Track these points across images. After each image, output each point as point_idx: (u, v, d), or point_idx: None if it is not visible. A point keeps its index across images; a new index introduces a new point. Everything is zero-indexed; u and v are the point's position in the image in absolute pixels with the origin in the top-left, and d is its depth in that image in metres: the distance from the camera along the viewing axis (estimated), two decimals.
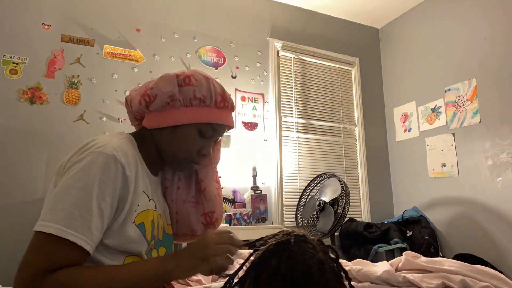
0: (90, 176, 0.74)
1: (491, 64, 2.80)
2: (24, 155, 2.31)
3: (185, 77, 0.88)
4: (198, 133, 0.91)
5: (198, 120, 0.89)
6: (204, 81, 0.90)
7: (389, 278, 1.21)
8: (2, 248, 2.15)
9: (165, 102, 0.87)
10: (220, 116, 0.92)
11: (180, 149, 0.91)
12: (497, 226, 2.66)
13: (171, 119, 0.88)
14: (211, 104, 0.90)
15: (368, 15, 3.68)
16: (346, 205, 2.70)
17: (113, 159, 0.77)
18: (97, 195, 0.74)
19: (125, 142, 0.85)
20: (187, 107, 0.88)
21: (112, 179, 0.76)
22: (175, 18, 2.93)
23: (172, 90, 0.87)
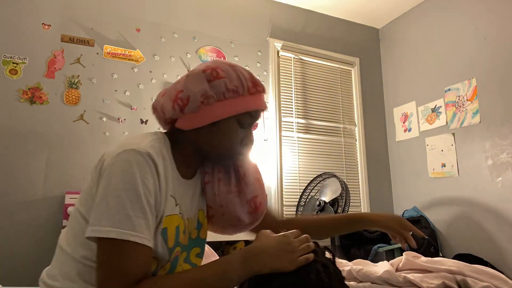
0: (131, 175, 0.74)
1: (491, 64, 2.81)
2: (24, 155, 2.31)
3: (212, 71, 0.86)
4: (238, 125, 0.89)
5: (235, 112, 0.87)
6: (231, 71, 0.87)
7: (389, 278, 1.21)
8: (2, 248, 2.15)
9: (199, 102, 0.84)
10: (255, 102, 0.90)
11: (223, 144, 0.90)
12: (497, 226, 2.66)
13: (208, 117, 0.86)
14: (244, 93, 0.88)
15: (368, 15, 3.68)
16: (346, 205, 2.70)
17: (148, 156, 0.77)
18: (143, 193, 0.74)
19: (158, 142, 0.84)
20: (221, 101, 0.85)
21: (150, 175, 0.77)
22: (175, 18, 2.93)
23: (203, 87, 0.84)
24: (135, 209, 0.73)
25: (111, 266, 0.71)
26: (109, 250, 0.72)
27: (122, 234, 0.71)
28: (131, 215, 0.72)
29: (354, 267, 1.31)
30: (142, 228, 0.73)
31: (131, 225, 0.72)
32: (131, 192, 0.73)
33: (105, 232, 0.71)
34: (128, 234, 0.71)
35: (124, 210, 0.72)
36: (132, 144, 0.79)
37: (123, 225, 0.71)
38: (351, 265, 1.37)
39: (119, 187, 0.73)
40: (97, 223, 0.72)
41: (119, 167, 0.75)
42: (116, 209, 0.72)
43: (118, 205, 0.72)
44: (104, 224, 0.71)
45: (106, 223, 0.71)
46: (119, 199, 0.73)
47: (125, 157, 0.76)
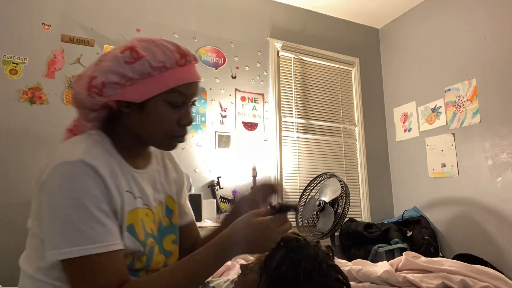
0: (71, 189, 0.70)
1: (491, 64, 2.80)
2: (24, 155, 2.31)
3: (131, 52, 0.77)
4: (168, 105, 0.80)
5: (161, 89, 0.78)
6: (153, 46, 0.79)
7: (389, 278, 1.21)
8: (2, 248, 2.15)
9: (117, 84, 0.77)
10: (184, 75, 0.81)
11: (157, 128, 0.82)
12: (497, 226, 2.66)
13: (133, 96, 0.78)
14: (172, 66, 0.79)
15: (368, 15, 3.68)
16: (346, 205, 2.70)
17: (82, 164, 0.72)
18: (90, 202, 0.71)
19: (91, 144, 0.79)
20: (146, 78, 0.78)
21: (90, 181, 0.72)
22: (175, 18, 2.93)
23: (121, 71, 0.76)
24: (86, 222, 0.70)
25: (84, 285, 0.70)
26: (77, 269, 0.70)
27: (83, 251, 0.68)
28: (85, 229, 0.70)
29: (354, 267, 1.31)
30: (102, 236, 0.71)
31: (88, 238, 0.69)
32: (77, 207, 0.70)
33: (66, 254, 0.68)
34: (89, 249, 0.69)
35: (76, 227, 0.69)
36: (62, 156, 0.74)
37: (80, 242, 0.69)
38: (351, 265, 1.37)
39: (63, 205, 0.70)
40: (54, 246, 0.70)
41: (56, 185, 0.71)
42: (68, 228, 0.69)
43: (69, 224, 0.69)
44: (61, 246, 0.69)
45: (63, 244, 0.69)
46: (67, 217, 0.69)
47: (59, 171, 0.72)
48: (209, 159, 2.81)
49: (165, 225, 0.93)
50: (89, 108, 0.83)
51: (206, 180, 2.78)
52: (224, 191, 2.80)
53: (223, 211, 2.68)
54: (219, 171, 2.82)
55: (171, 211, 0.97)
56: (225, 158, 2.88)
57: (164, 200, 0.95)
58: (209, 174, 2.81)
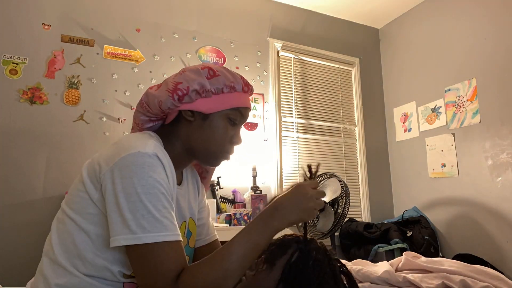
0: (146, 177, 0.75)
1: (491, 64, 2.80)
2: (24, 155, 2.31)
3: (209, 70, 0.89)
4: (228, 121, 0.92)
5: (230, 106, 0.90)
6: (224, 71, 0.91)
7: (389, 278, 1.21)
8: (2, 248, 2.15)
9: (198, 93, 0.87)
10: (246, 100, 0.94)
11: (213, 139, 0.91)
12: (497, 226, 2.66)
13: (204, 108, 0.88)
14: (239, 89, 0.92)
15: (368, 15, 3.68)
16: (346, 205, 2.70)
17: (156, 157, 0.78)
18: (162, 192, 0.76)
19: (158, 145, 0.84)
20: (217, 94, 0.89)
21: (162, 176, 0.78)
22: (175, 18, 2.93)
23: (202, 81, 0.87)
24: (158, 210, 0.74)
25: (149, 270, 0.73)
26: (144, 255, 0.73)
27: (155, 237, 0.72)
28: (157, 216, 0.74)
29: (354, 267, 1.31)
30: (169, 225, 0.75)
31: (159, 226, 0.73)
32: (151, 194, 0.74)
33: (138, 239, 0.72)
34: (159, 236, 0.73)
35: (149, 214, 0.73)
36: (135, 147, 0.78)
37: (152, 229, 0.73)
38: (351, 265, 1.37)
39: (138, 191, 0.73)
40: (125, 231, 0.72)
41: (131, 172, 0.75)
42: (141, 214, 0.73)
43: (142, 210, 0.73)
44: (134, 231, 0.72)
45: (137, 229, 0.72)
46: (140, 203, 0.73)
47: (134, 160, 0.75)
48: None
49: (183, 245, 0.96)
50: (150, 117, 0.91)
51: None
52: (224, 191, 2.80)
53: (223, 211, 2.68)
54: (219, 171, 2.82)
55: (190, 233, 1.00)
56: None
57: (187, 221, 0.98)
58: None
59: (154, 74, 2.75)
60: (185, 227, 0.96)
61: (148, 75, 2.74)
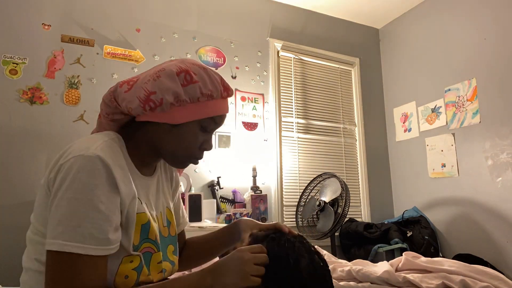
0: (80, 183, 0.71)
1: (491, 64, 2.81)
2: (24, 155, 2.31)
3: (186, 74, 0.82)
4: (200, 128, 0.86)
5: (204, 115, 0.85)
6: (204, 74, 0.85)
7: (389, 278, 1.21)
8: (2, 249, 2.15)
9: (171, 104, 0.82)
10: (223, 107, 0.89)
11: (181, 146, 0.86)
12: (497, 226, 2.66)
13: (175, 118, 0.83)
14: (217, 97, 0.87)
15: (368, 15, 3.68)
16: (346, 205, 2.70)
17: (98, 160, 0.73)
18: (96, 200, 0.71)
19: (109, 144, 0.80)
20: (193, 103, 0.84)
21: (103, 179, 0.73)
22: (175, 18, 2.93)
23: (176, 91, 0.81)
24: (81, 218, 0.70)
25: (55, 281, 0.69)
26: (52, 263, 0.69)
27: (62, 246, 0.68)
28: (84, 226, 0.69)
29: (353, 267, 1.31)
30: (88, 237, 0.70)
31: (83, 237, 0.69)
32: (78, 201, 0.70)
33: (48, 245, 0.69)
34: (69, 246, 0.68)
35: (76, 222, 0.69)
36: (80, 149, 0.75)
37: (64, 237, 0.68)
38: (350, 265, 1.37)
39: (68, 197, 0.70)
40: (50, 236, 0.70)
41: (69, 176, 0.71)
42: (59, 220, 0.69)
43: (62, 216, 0.70)
44: (53, 236, 0.69)
45: (50, 234, 0.69)
46: (64, 208, 0.70)
47: (75, 164, 0.72)
48: (209, 159, 2.81)
49: (165, 235, 0.95)
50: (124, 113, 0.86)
51: (206, 180, 2.78)
52: (224, 191, 2.80)
53: (223, 211, 2.68)
54: (219, 171, 2.82)
55: (169, 222, 0.99)
56: (225, 158, 2.88)
57: (164, 211, 0.97)
58: (209, 174, 2.81)
59: None
60: (161, 218, 0.95)
61: None
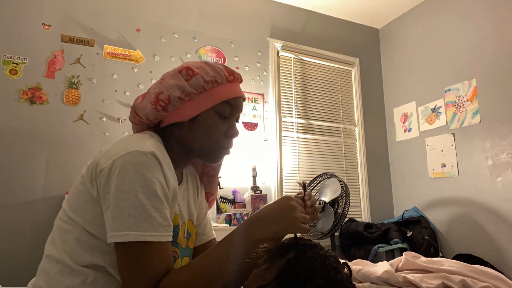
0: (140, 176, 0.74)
1: (491, 64, 2.80)
2: (24, 155, 2.31)
3: (187, 70, 0.87)
4: (218, 116, 0.89)
5: (217, 101, 0.88)
6: (204, 65, 0.89)
7: (389, 278, 1.21)
8: (2, 248, 2.15)
9: (180, 99, 0.85)
10: (233, 90, 0.91)
11: (206, 138, 0.89)
12: (497, 226, 2.66)
13: (191, 111, 0.87)
14: (223, 81, 0.89)
15: (368, 15, 3.68)
16: (346, 205, 2.70)
17: (153, 156, 0.77)
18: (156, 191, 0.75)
19: (157, 143, 0.84)
20: (201, 93, 0.87)
21: (158, 174, 0.77)
22: (175, 18, 2.93)
23: (181, 85, 0.85)
24: (153, 210, 0.73)
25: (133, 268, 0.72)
26: (128, 253, 0.72)
27: (137, 236, 0.71)
28: (145, 215, 0.73)
29: (353, 267, 1.31)
30: (162, 226, 0.74)
31: (144, 225, 0.72)
32: (143, 193, 0.73)
33: (121, 237, 0.72)
34: (144, 235, 0.72)
35: (137, 212, 0.72)
36: (134, 146, 0.78)
37: (137, 227, 0.72)
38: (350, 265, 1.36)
39: (130, 189, 0.73)
40: (114, 228, 0.73)
41: (126, 170, 0.74)
42: (129, 212, 0.72)
43: (131, 208, 0.72)
44: (119, 229, 0.72)
45: (121, 227, 0.72)
46: (131, 202, 0.72)
47: (130, 158, 0.75)
48: None
49: (183, 246, 0.96)
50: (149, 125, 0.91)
51: None
52: (224, 191, 2.80)
53: (223, 211, 2.68)
54: None
55: (189, 234, 1.00)
56: (225, 158, 2.87)
57: (186, 221, 0.98)
58: None
59: (154, 74, 2.75)
60: (184, 228, 0.96)
61: (148, 75, 2.74)
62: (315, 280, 0.82)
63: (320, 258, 0.86)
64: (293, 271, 0.83)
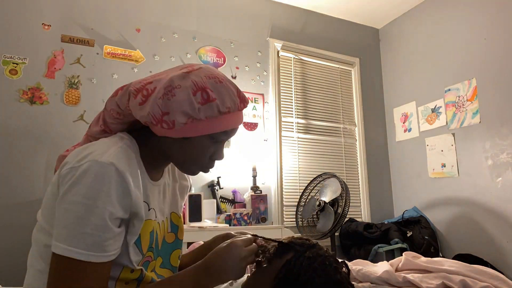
0: (91, 189, 0.70)
1: (491, 64, 2.80)
2: (24, 155, 2.31)
3: (202, 93, 0.77)
4: (211, 140, 0.83)
5: (218, 130, 0.81)
6: (221, 88, 0.80)
7: (389, 278, 1.21)
8: (2, 248, 2.15)
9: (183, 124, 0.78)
10: (237, 119, 0.85)
11: (191, 157, 0.84)
12: (497, 226, 2.66)
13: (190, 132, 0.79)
14: (234, 111, 0.82)
15: (368, 15, 3.68)
16: (346, 205, 2.70)
17: (112, 166, 0.72)
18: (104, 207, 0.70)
19: (124, 149, 0.79)
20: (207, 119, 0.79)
21: (114, 186, 0.72)
22: (175, 18, 2.93)
23: (191, 113, 0.77)
24: (93, 227, 0.69)
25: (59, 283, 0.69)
26: (62, 268, 0.69)
27: (75, 253, 0.68)
28: (88, 233, 0.69)
29: (353, 267, 1.31)
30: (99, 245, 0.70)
31: (80, 243, 0.69)
32: (89, 208, 0.69)
33: (56, 248, 0.69)
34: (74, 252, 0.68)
35: (81, 228, 0.69)
36: (94, 154, 0.73)
37: (79, 244, 0.69)
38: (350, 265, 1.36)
39: (77, 201, 0.70)
40: (55, 238, 0.70)
41: (78, 180, 0.71)
42: (73, 226, 0.69)
43: (74, 221, 0.69)
44: (58, 239, 0.69)
45: (59, 237, 0.69)
46: (74, 213, 0.69)
47: (86, 169, 0.71)
48: None
49: (170, 241, 0.95)
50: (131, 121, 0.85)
51: (206, 180, 2.78)
52: (224, 191, 2.80)
53: (223, 211, 2.68)
54: (219, 171, 2.82)
55: (176, 226, 0.98)
56: (225, 158, 2.86)
57: (169, 216, 0.96)
58: (209, 174, 2.80)
59: None
60: (167, 223, 0.94)
61: (148, 75, 2.73)
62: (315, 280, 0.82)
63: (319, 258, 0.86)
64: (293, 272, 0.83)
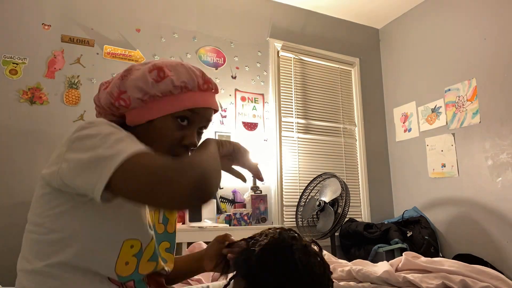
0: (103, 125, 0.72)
1: (491, 64, 2.81)
2: (24, 155, 2.31)
3: (158, 71, 0.80)
4: (175, 122, 0.81)
5: (177, 108, 0.80)
6: (180, 67, 0.82)
7: (389, 278, 1.21)
8: (2, 248, 2.15)
9: (142, 101, 0.80)
10: (202, 99, 0.83)
11: (159, 142, 0.81)
12: (497, 226, 2.66)
13: (150, 114, 0.80)
14: (193, 88, 0.82)
15: (368, 15, 3.68)
16: (346, 205, 2.70)
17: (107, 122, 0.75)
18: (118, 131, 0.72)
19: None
20: (165, 97, 0.80)
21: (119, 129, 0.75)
22: (175, 18, 2.93)
23: (146, 89, 0.79)
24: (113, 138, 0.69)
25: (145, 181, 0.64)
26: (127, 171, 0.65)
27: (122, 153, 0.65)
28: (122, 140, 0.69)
29: (353, 267, 1.31)
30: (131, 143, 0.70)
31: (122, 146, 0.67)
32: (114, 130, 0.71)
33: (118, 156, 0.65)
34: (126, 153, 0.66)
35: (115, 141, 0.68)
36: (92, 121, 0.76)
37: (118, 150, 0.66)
38: (350, 265, 1.36)
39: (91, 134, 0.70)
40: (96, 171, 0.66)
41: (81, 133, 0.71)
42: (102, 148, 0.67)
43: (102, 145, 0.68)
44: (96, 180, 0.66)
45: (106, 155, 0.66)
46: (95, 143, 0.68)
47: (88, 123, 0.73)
48: None
49: (160, 232, 0.94)
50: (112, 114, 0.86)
51: None
52: (224, 191, 2.80)
53: (223, 211, 2.68)
54: None
55: (167, 219, 0.98)
56: None
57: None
58: None
59: None
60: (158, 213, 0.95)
61: None
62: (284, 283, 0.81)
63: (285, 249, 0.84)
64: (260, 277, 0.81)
